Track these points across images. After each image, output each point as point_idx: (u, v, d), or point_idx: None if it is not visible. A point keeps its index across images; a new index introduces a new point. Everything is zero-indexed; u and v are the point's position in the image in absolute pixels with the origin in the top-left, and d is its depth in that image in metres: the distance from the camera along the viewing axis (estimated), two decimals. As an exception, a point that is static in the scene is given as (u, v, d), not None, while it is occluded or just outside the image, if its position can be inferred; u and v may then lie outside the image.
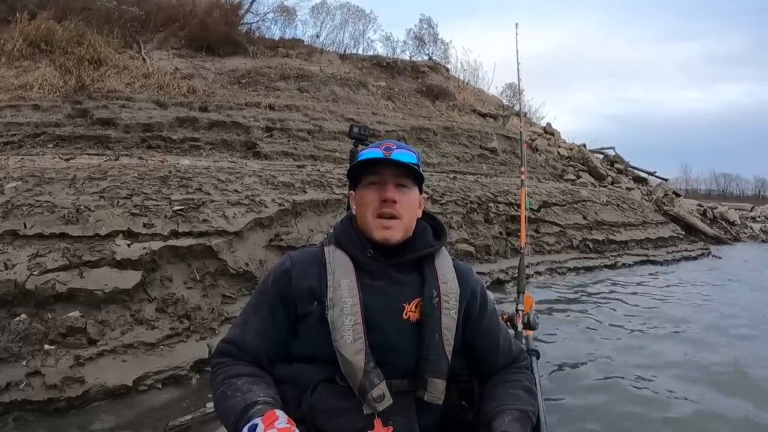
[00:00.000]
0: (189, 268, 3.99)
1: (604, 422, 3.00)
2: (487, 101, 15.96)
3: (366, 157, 1.38)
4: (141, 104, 8.20)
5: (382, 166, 1.37)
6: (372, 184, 1.38)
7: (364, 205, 1.38)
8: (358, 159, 1.41)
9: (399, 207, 1.35)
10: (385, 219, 1.35)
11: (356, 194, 1.43)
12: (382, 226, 1.35)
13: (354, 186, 1.45)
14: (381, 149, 1.38)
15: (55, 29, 9.18)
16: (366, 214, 1.37)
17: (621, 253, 8.83)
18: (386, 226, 1.35)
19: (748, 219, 19.41)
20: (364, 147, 1.65)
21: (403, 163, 1.36)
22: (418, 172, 1.39)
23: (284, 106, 9.64)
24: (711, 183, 67.53)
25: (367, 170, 1.39)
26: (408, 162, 1.37)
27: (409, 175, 1.39)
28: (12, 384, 2.72)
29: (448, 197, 7.32)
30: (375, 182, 1.38)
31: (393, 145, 1.39)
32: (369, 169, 1.39)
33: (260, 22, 13.99)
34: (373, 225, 1.36)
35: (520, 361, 1.51)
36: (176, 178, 5.10)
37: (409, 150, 1.41)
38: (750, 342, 4.66)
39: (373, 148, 1.41)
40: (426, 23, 15.45)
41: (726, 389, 3.52)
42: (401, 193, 1.37)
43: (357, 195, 1.42)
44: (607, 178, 14.32)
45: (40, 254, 3.46)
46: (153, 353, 3.26)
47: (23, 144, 6.83)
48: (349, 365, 1.26)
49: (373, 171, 1.38)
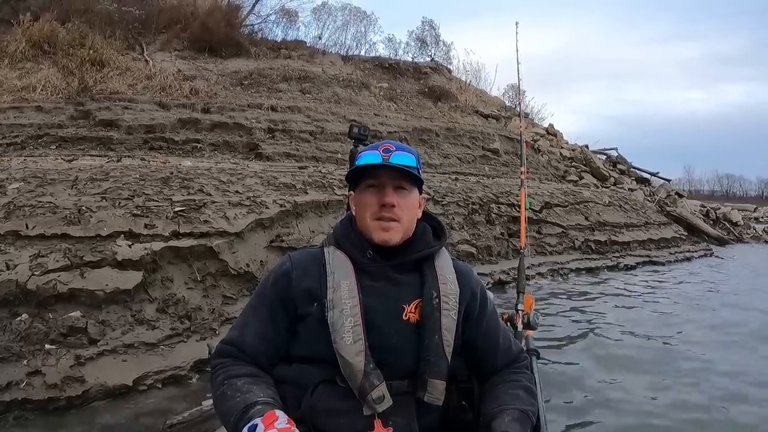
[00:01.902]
0: (190, 269, 3.99)
1: (604, 422, 3.00)
2: (489, 102, 15.95)
3: (364, 161, 1.37)
4: (143, 106, 8.22)
5: (381, 169, 1.36)
6: (370, 187, 1.37)
7: (363, 207, 1.37)
8: (357, 163, 1.39)
9: (398, 210, 1.34)
10: (385, 221, 1.34)
11: (355, 196, 1.42)
12: (381, 228, 1.34)
13: (353, 187, 1.44)
14: (379, 151, 1.37)
15: (58, 31, 9.21)
16: (365, 217, 1.36)
17: (623, 254, 8.81)
18: (385, 228, 1.34)
19: (751, 220, 19.38)
20: (363, 147, 1.64)
21: (402, 167, 1.35)
22: (416, 175, 1.38)
23: (286, 107, 9.64)
24: (714, 184, 67.18)
25: (365, 173, 1.38)
26: (407, 165, 1.36)
27: (408, 178, 1.38)
28: (13, 383, 2.74)
29: (450, 198, 7.32)
30: (373, 185, 1.37)
31: (392, 147, 1.38)
32: (367, 172, 1.37)
33: (262, 23, 14.05)
34: (372, 227, 1.35)
35: (519, 361, 1.50)
36: (178, 179, 5.11)
37: (408, 151, 1.40)
38: (751, 346, 4.64)
39: (372, 149, 1.40)
40: (428, 25, 15.47)
41: (726, 388, 3.51)
42: (400, 196, 1.36)
43: (356, 197, 1.41)
44: (610, 179, 14.29)
45: (41, 254, 3.47)
46: (153, 353, 3.26)
47: (26, 145, 6.85)
48: (349, 366, 1.25)
49: (372, 174, 1.37)
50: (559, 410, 3.06)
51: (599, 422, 3.00)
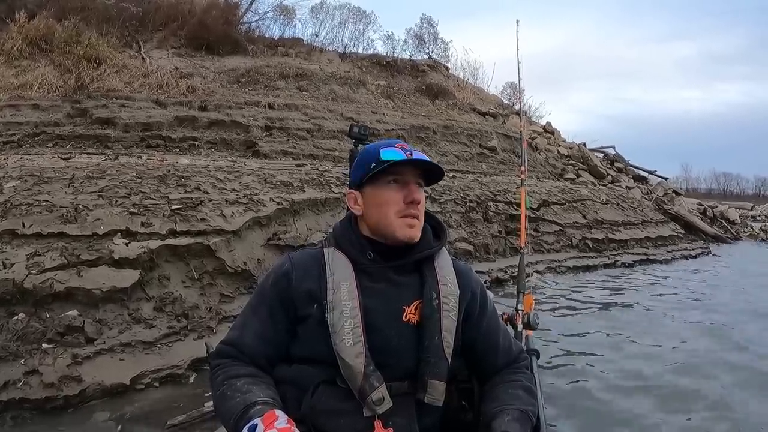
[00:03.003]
0: (187, 267, 3.98)
1: (604, 422, 3.00)
2: (487, 100, 15.94)
3: (390, 157, 1.35)
4: (140, 103, 8.18)
5: (404, 166, 1.36)
6: (393, 182, 1.36)
7: (385, 204, 1.35)
8: (381, 158, 1.35)
9: (420, 207, 1.36)
10: (410, 218, 1.35)
11: (369, 193, 1.38)
12: (407, 225, 1.34)
13: (358, 185, 1.41)
14: (397, 149, 1.37)
15: (55, 28, 9.15)
16: (387, 214, 1.34)
17: (620, 252, 8.81)
18: (411, 225, 1.35)
19: (749, 218, 19.41)
20: (364, 147, 1.62)
21: (430, 163, 1.38)
22: (441, 172, 1.41)
23: (284, 105, 9.62)
24: (711, 182, 67.38)
25: (386, 169, 1.36)
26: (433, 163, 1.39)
27: (423, 176, 1.40)
28: (10, 383, 2.72)
29: (448, 196, 7.31)
30: (396, 181, 1.36)
31: (406, 145, 1.39)
32: (388, 169, 1.36)
33: (260, 21, 14.00)
34: (396, 224, 1.34)
35: (520, 361, 1.50)
36: (175, 177, 5.09)
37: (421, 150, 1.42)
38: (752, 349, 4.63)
39: (389, 146, 1.38)
40: (426, 22, 15.45)
41: (727, 390, 3.51)
42: (420, 193, 1.38)
43: (371, 194, 1.38)
44: (607, 177, 14.30)
45: (38, 253, 3.45)
46: (150, 352, 3.25)
47: (23, 143, 6.81)
48: (348, 368, 1.25)
49: (394, 170, 1.36)
50: (560, 410, 3.06)
51: (599, 422, 3.00)
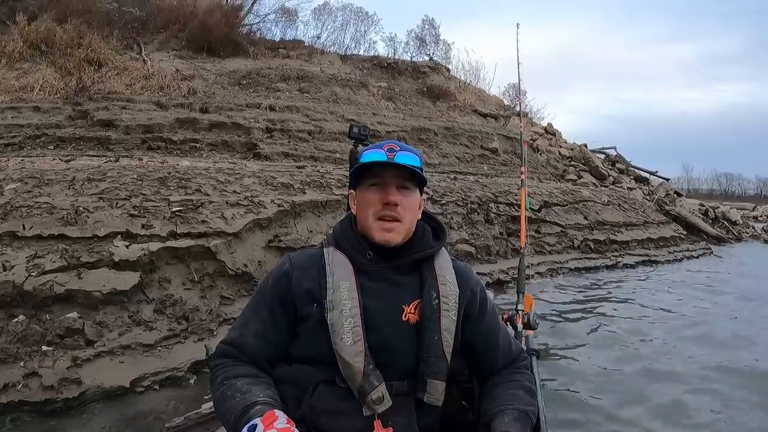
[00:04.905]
0: (187, 269, 3.97)
1: (604, 421, 2.99)
2: (488, 101, 15.93)
3: (369, 159, 1.36)
4: (141, 105, 8.20)
5: (385, 167, 1.35)
6: (373, 186, 1.36)
7: (366, 206, 1.36)
8: (361, 161, 1.38)
9: (401, 210, 1.34)
10: (387, 221, 1.33)
11: (357, 195, 1.41)
12: (382, 228, 1.33)
13: (354, 185, 1.43)
14: (383, 150, 1.36)
15: (56, 31, 9.17)
16: (367, 216, 1.35)
17: (622, 253, 8.81)
18: (387, 229, 1.33)
19: (750, 219, 19.41)
20: (364, 147, 1.62)
21: (408, 167, 1.35)
22: (421, 175, 1.37)
23: (285, 106, 9.62)
24: (713, 183, 67.34)
25: (369, 171, 1.37)
26: (412, 165, 1.35)
27: (412, 178, 1.37)
28: (9, 385, 2.72)
29: (449, 198, 7.30)
30: (377, 183, 1.36)
31: (396, 147, 1.37)
32: (371, 170, 1.36)
33: (261, 23, 14.02)
34: (373, 227, 1.34)
35: (519, 361, 1.49)
36: (175, 179, 5.10)
37: (412, 152, 1.39)
38: (749, 346, 4.62)
39: (376, 148, 1.39)
40: (428, 24, 15.43)
41: (728, 389, 3.50)
42: (403, 195, 1.35)
43: (358, 195, 1.40)
44: (609, 178, 14.29)
45: (38, 255, 3.45)
46: (150, 354, 3.25)
47: (24, 145, 6.83)
48: (348, 367, 1.25)
49: (376, 172, 1.36)
50: (560, 410, 3.05)
51: (600, 422, 2.99)
